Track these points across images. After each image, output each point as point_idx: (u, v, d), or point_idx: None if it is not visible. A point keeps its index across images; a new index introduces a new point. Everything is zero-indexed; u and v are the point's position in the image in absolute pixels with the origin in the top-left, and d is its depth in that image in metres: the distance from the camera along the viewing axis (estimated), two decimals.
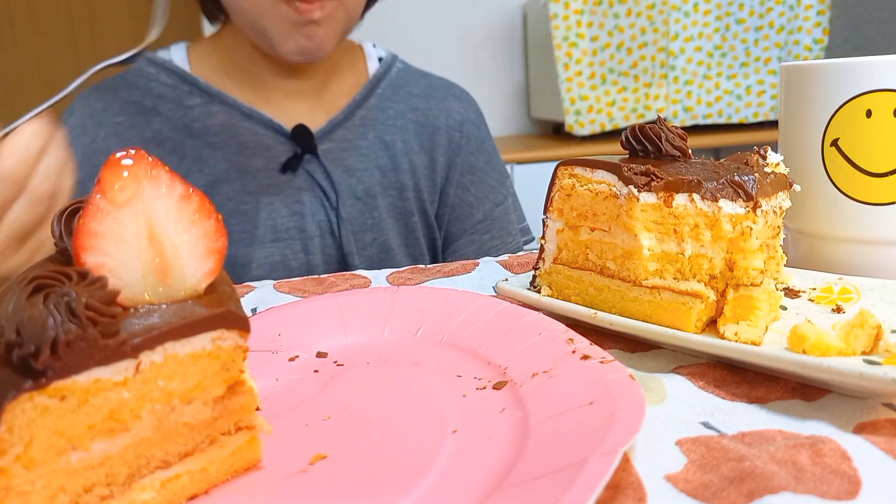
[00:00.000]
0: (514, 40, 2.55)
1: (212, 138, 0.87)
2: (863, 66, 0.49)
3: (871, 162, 0.49)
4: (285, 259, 0.87)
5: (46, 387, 0.26)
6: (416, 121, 0.95)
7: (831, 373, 0.34)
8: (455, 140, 0.97)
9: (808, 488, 0.29)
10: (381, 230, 0.92)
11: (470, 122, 0.99)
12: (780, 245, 0.44)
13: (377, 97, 0.94)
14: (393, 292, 0.52)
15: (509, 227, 1.01)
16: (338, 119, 0.91)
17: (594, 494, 0.27)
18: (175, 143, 0.86)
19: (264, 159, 0.87)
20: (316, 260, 0.88)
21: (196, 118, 0.87)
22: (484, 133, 1.01)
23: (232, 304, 0.31)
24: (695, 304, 0.42)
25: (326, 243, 0.89)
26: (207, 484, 0.32)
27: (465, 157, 0.97)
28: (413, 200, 0.94)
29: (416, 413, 0.38)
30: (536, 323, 0.44)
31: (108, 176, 0.29)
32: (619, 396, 0.34)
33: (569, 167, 0.48)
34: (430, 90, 0.99)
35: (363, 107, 0.93)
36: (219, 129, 0.87)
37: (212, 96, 0.88)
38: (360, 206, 0.90)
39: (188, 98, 0.88)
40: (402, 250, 0.94)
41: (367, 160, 0.92)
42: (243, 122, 0.87)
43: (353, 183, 0.90)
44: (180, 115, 0.87)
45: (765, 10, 2.15)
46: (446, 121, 0.97)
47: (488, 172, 1.00)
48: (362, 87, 0.94)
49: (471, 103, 1.02)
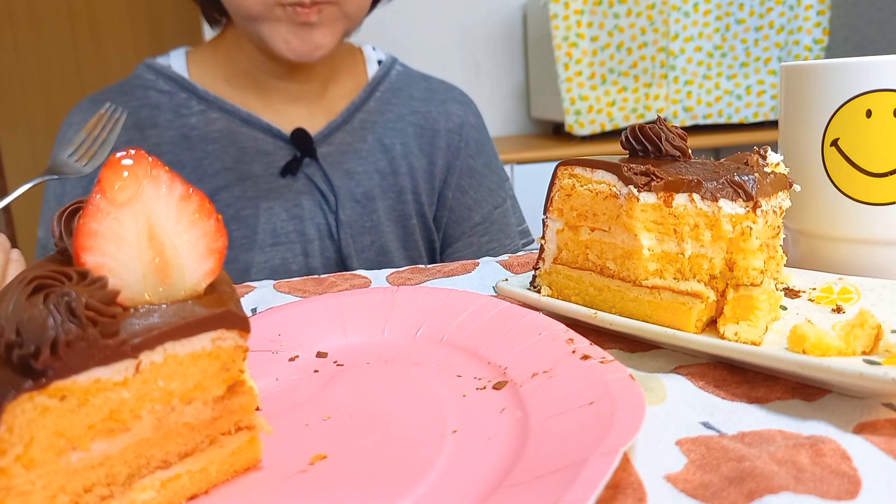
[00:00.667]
0: (514, 40, 2.54)
1: (210, 146, 0.87)
2: (863, 66, 0.49)
3: (871, 162, 0.49)
4: (285, 262, 0.87)
5: (46, 387, 0.26)
6: (415, 124, 0.95)
7: (831, 373, 0.34)
8: (454, 143, 0.97)
9: (808, 488, 0.29)
10: (379, 233, 0.92)
11: (469, 125, 0.99)
12: (780, 245, 0.44)
13: (376, 100, 0.94)
14: (393, 292, 0.52)
15: (508, 229, 1.01)
16: (337, 122, 0.91)
17: (594, 494, 0.27)
18: (173, 155, 0.86)
19: (263, 164, 0.87)
20: (315, 263, 0.88)
21: (194, 126, 0.87)
22: (483, 136, 1.01)
23: (232, 304, 0.31)
24: (695, 303, 0.42)
25: (325, 246, 0.89)
26: (207, 484, 0.32)
27: (464, 160, 0.97)
28: (412, 203, 0.94)
29: (416, 413, 0.38)
30: (536, 323, 0.44)
31: (108, 176, 0.29)
32: (619, 396, 0.34)
33: (569, 167, 0.48)
34: (430, 93, 0.99)
35: (362, 110, 0.93)
36: (217, 136, 0.87)
37: (210, 103, 0.88)
38: (359, 209, 0.90)
39: (186, 105, 0.88)
40: (400, 253, 0.94)
41: (367, 163, 0.92)
42: (242, 127, 0.87)
43: (353, 186, 0.90)
44: (178, 125, 0.87)
45: (765, 10, 2.15)
46: (446, 124, 0.97)
47: (487, 175, 1.00)
48: (361, 91, 0.94)
49: (470, 106, 1.02)
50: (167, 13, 3.10)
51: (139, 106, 0.87)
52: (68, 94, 3.07)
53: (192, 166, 0.86)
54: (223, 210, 0.86)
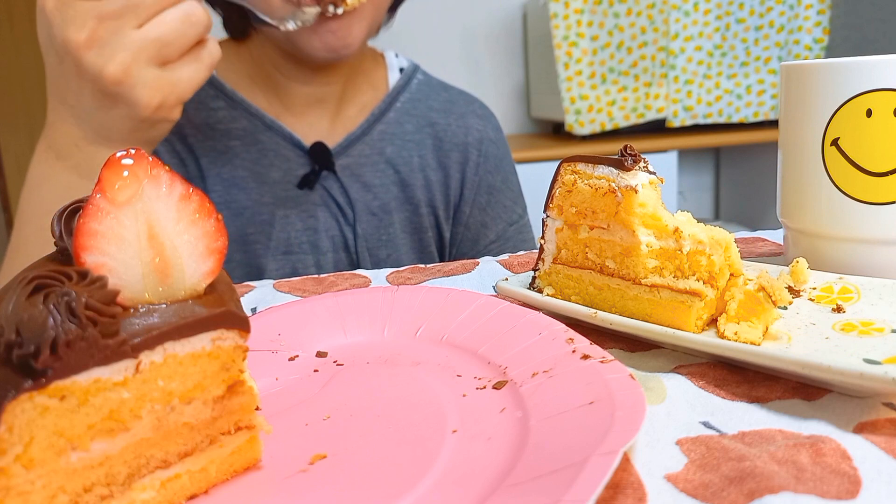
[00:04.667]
0: (514, 40, 2.55)
1: (233, 141, 0.87)
2: (863, 66, 0.49)
3: (872, 161, 0.49)
4: (296, 273, 0.87)
5: (46, 387, 0.26)
6: (434, 136, 0.95)
7: (831, 372, 0.34)
8: (473, 158, 0.96)
9: (809, 488, 0.29)
10: (395, 246, 0.91)
11: (489, 140, 0.98)
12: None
13: (396, 111, 0.94)
14: (393, 292, 0.52)
15: (523, 245, 1.00)
16: (356, 134, 0.90)
17: (594, 494, 0.26)
18: (197, 140, 0.86)
19: (282, 171, 0.87)
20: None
21: (219, 120, 0.87)
22: (503, 151, 1.00)
23: (232, 303, 0.31)
24: (694, 302, 0.42)
25: (339, 258, 0.89)
26: (207, 484, 0.32)
27: (482, 175, 0.96)
28: (427, 216, 0.93)
29: (416, 413, 0.38)
30: (536, 322, 0.44)
31: (108, 175, 0.29)
32: (619, 396, 0.34)
33: (572, 163, 0.48)
34: (449, 104, 0.98)
35: (381, 121, 0.92)
36: (241, 134, 0.87)
37: (235, 103, 0.88)
38: (376, 222, 0.90)
39: (213, 101, 0.88)
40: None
41: (384, 176, 0.91)
42: (265, 131, 0.87)
43: (369, 199, 0.90)
44: (204, 116, 0.87)
45: (765, 9, 2.15)
46: (465, 138, 0.96)
47: (504, 192, 0.99)
48: (381, 101, 0.93)
49: (490, 120, 1.01)
50: None
51: None
52: None
53: (215, 156, 0.86)
54: (241, 212, 0.86)
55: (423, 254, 0.94)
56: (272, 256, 0.86)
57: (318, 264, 0.88)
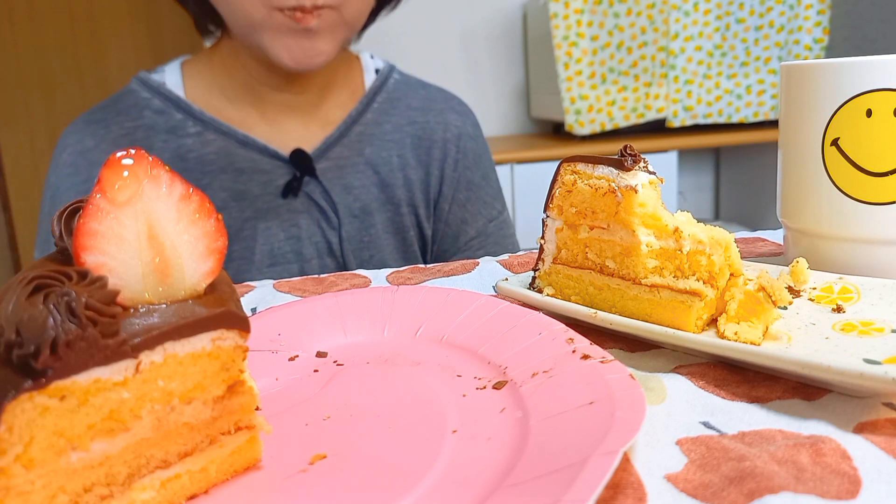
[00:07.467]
0: (514, 40, 2.54)
1: (207, 167, 0.86)
2: (863, 66, 0.49)
3: (872, 161, 0.49)
4: None
5: (46, 387, 0.26)
6: (412, 134, 0.94)
7: (831, 372, 0.34)
8: (451, 154, 0.96)
9: (809, 488, 0.29)
10: (378, 247, 0.91)
11: (468, 136, 0.98)
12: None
13: (373, 111, 0.93)
14: (393, 292, 0.52)
15: (504, 241, 0.99)
16: (334, 136, 0.90)
17: (594, 494, 0.26)
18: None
19: (261, 184, 0.86)
20: None
21: (190, 148, 0.86)
22: (481, 147, 1.00)
23: (232, 303, 0.31)
24: (694, 302, 0.42)
25: (325, 264, 0.88)
26: (207, 484, 0.32)
27: (461, 171, 0.96)
28: (408, 215, 0.93)
29: (416, 413, 0.38)
30: (536, 322, 0.44)
31: (109, 175, 0.29)
32: (619, 396, 0.34)
33: (572, 163, 0.48)
34: (428, 102, 0.97)
35: (359, 122, 0.92)
36: (214, 158, 0.86)
37: (206, 124, 0.86)
38: (357, 224, 0.90)
39: (182, 126, 0.86)
40: (399, 265, 0.93)
41: (364, 177, 0.91)
42: (239, 149, 0.86)
43: (350, 201, 0.90)
44: (174, 147, 0.85)
45: (765, 9, 2.15)
46: (443, 134, 0.96)
47: (483, 188, 0.99)
48: (358, 102, 0.93)
49: (469, 116, 1.00)
50: (167, 14, 3.10)
51: (134, 127, 0.86)
52: (68, 94, 3.07)
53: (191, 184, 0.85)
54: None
55: (406, 253, 0.93)
56: (257, 270, 0.86)
57: (302, 272, 0.87)
